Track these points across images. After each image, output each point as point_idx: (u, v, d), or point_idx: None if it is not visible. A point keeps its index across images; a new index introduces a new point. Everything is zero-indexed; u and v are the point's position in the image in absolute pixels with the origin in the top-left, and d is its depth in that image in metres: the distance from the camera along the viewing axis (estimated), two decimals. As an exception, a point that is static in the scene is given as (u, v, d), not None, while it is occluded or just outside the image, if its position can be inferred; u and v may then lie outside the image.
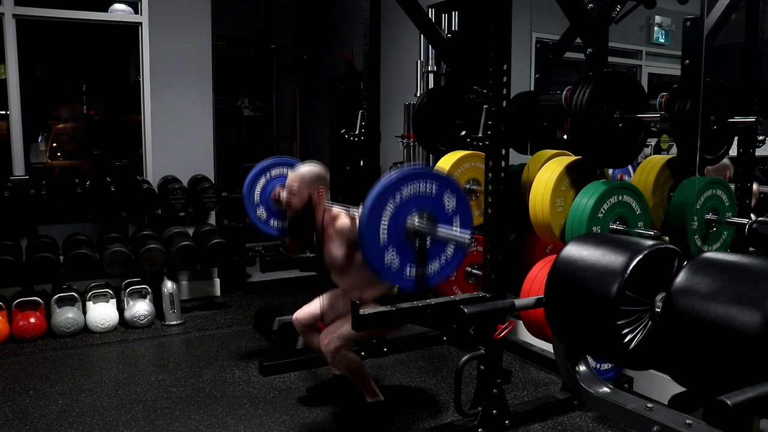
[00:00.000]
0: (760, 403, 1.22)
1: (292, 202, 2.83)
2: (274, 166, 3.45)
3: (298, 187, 2.81)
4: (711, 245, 3.05)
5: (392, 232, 2.26)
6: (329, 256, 2.87)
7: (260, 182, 3.42)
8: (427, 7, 4.67)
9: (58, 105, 6.68)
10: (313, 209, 2.85)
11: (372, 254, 2.24)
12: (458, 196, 2.41)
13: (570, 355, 1.95)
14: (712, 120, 3.05)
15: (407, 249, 2.31)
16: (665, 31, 5.33)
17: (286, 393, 3.32)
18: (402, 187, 2.28)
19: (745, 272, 1.41)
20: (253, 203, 3.41)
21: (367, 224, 2.22)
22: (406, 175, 2.31)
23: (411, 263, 2.33)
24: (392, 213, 2.25)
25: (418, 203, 2.31)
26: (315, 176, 2.84)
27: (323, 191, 2.85)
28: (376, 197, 2.23)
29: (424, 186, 2.32)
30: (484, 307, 2.21)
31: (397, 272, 2.30)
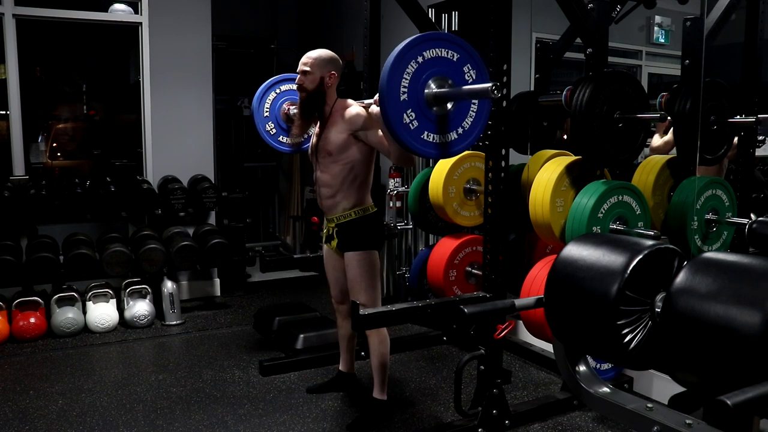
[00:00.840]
0: (760, 403, 1.22)
1: (304, 82, 2.78)
2: (283, 81, 3.39)
3: (311, 67, 2.77)
4: (711, 245, 3.05)
5: (412, 92, 2.19)
6: (326, 140, 2.80)
7: (270, 96, 3.37)
8: (427, 7, 4.67)
9: (58, 105, 6.68)
10: (324, 92, 2.79)
11: (391, 111, 2.15)
12: (479, 69, 2.32)
13: (570, 355, 1.95)
14: (712, 120, 3.05)
15: (427, 113, 2.24)
16: (665, 31, 5.32)
17: (286, 393, 3.32)
18: (425, 49, 2.21)
19: (745, 272, 1.41)
20: (262, 117, 3.35)
21: (388, 79, 2.13)
22: (428, 36, 2.24)
23: (430, 128, 2.25)
24: (413, 72, 2.18)
25: (439, 69, 2.24)
26: (328, 58, 2.80)
27: (335, 75, 2.80)
28: (399, 53, 2.16)
29: (446, 52, 2.25)
30: (484, 307, 2.21)
31: (415, 133, 2.22)
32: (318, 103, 2.81)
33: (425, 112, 2.23)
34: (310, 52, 2.82)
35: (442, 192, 3.41)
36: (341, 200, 2.83)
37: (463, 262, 3.46)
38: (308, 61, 2.79)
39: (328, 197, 2.85)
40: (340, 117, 2.77)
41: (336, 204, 2.84)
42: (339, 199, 2.83)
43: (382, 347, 2.91)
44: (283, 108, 3.34)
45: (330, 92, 2.82)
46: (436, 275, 3.46)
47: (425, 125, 2.23)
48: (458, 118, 2.32)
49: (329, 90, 2.81)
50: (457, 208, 3.47)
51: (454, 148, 2.33)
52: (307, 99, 2.81)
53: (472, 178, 3.48)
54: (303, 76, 2.79)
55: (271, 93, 3.37)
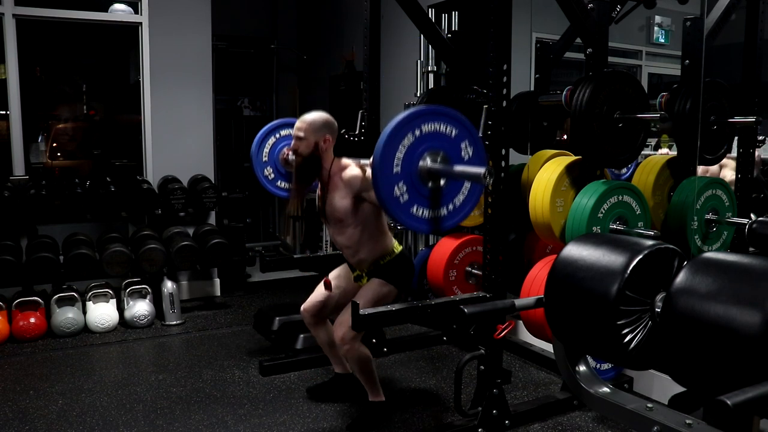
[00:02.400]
0: (760, 403, 1.22)
1: (299, 147, 2.77)
2: (283, 126, 3.41)
3: (305, 133, 2.76)
4: (711, 245, 3.05)
5: (406, 166, 2.17)
6: (331, 206, 2.80)
7: (269, 141, 3.38)
8: (427, 7, 4.67)
9: (58, 105, 6.68)
10: (319, 157, 2.78)
11: (383, 183, 2.14)
12: (476, 147, 2.31)
13: (570, 355, 1.95)
14: (712, 120, 3.05)
15: (419, 187, 2.22)
16: (665, 31, 5.33)
17: (286, 393, 3.32)
18: (423, 123, 2.20)
19: (745, 272, 1.41)
20: (261, 162, 3.37)
21: (383, 151, 2.12)
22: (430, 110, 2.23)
23: (421, 203, 2.24)
24: (409, 145, 2.17)
25: (436, 143, 2.23)
26: (322, 123, 2.78)
27: (330, 139, 2.79)
28: (398, 125, 2.15)
29: (444, 127, 2.24)
30: (484, 307, 2.21)
31: (404, 206, 2.20)
32: (314, 167, 2.80)
33: (417, 186, 2.22)
34: (304, 117, 2.81)
35: (442, 192, 3.40)
36: (365, 255, 2.85)
37: (463, 262, 3.46)
38: (302, 126, 2.78)
39: (351, 255, 2.89)
40: (340, 180, 2.77)
41: (361, 260, 2.87)
42: (363, 255, 2.84)
43: (360, 363, 2.88)
44: (282, 153, 3.37)
45: (326, 155, 2.81)
46: (436, 275, 3.46)
47: (416, 199, 2.23)
48: (450, 194, 2.32)
49: (325, 153, 2.80)
50: (457, 208, 3.46)
51: (444, 224, 2.33)
52: (303, 164, 2.80)
53: (472, 178, 3.47)
54: (298, 141, 2.78)
55: (271, 138, 3.41)
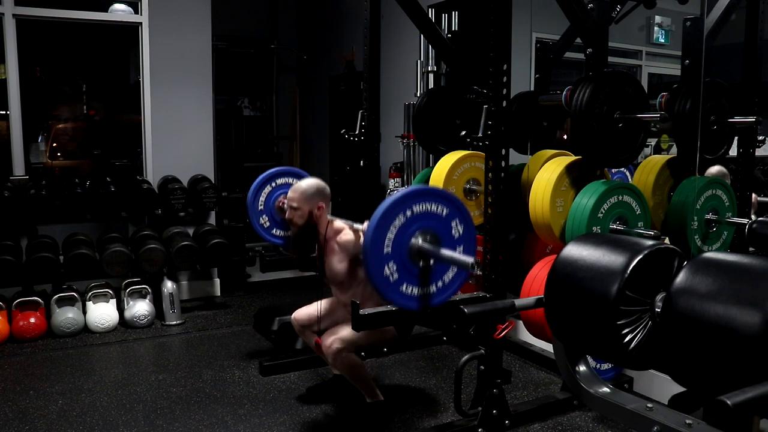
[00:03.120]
0: (760, 403, 1.22)
1: (294, 218, 2.85)
2: (279, 175, 3.47)
3: (298, 203, 2.83)
4: (711, 245, 3.05)
5: (396, 246, 2.24)
6: (331, 270, 2.88)
7: (265, 190, 3.44)
8: (427, 7, 4.67)
9: (58, 105, 6.68)
10: (314, 224, 2.86)
11: (373, 263, 2.22)
12: (467, 225, 2.38)
13: (570, 355, 1.95)
14: (712, 120, 3.05)
15: (408, 266, 2.28)
16: (665, 31, 5.32)
17: (286, 393, 3.32)
18: (415, 203, 2.26)
19: (745, 272, 1.41)
20: (257, 211, 3.43)
21: (374, 232, 2.19)
22: (422, 191, 2.29)
23: (410, 281, 2.30)
24: (400, 226, 2.23)
25: (427, 222, 2.29)
26: (314, 192, 2.85)
27: (324, 207, 2.87)
28: (389, 207, 2.21)
29: (436, 207, 2.30)
30: (484, 307, 2.21)
31: (394, 285, 2.27)
32: (310, 236, 2.88)
33: (407, 266, 2.28)
34: (297, 186, 2.87)
35: (442, 192, 3.40)
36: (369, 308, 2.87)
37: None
38: (295, 196, 2.84)
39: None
40: (336, 244, 2.83)
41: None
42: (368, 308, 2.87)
43: (352, 371, 2.89)
44: (278, 201, 3.41)
45: (321, 221, 2.88)
46: (436, 275, 3.45)
47: (406, 278, 2.28)
48: (440, 272, 2.37)
49: (320, 220, 2.87)
50: (457, 208, 3.46)
51: (433, 301, 2.37)
52: (299, 233, 2.87)
53: (472, 178, 3.47)
54: (292, 211, 2.84)
55: (267, 187, 3.44)
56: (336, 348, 2.78)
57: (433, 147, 3.81)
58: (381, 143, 3.72)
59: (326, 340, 2.82)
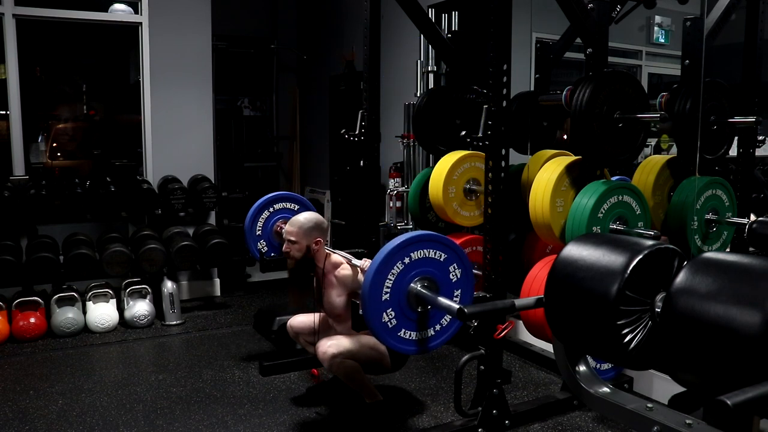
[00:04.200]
0: (760, 403, 1.22)
1: (291, 251, 2.87)
2: (277, 200, 3.53)
3: (296, 237, 2.86)
4: (711, 245, 3.05)
5: (395, 292, 2.25)
6: (328, 303, 2.91)
7: (263, 215, 3.50)
8: (427, 7, 4.67)
9: (58, 105, 6.68)
10: (312, 258, 2.89)
11: (371, 310, 2.23)
12: (465, 269, 2.39)
13: (570, 355, 1.95)
14: (712, 120, 3.05)
15: (406, 311, 2.30)
16: (665, 31, 5.33)
17: (286, 393, 3.32)
18: (413, 250, 2.27)
19: (745, 272, 1.41)
20: (254, 236, 3.49)
21: (372, 280, 2.21)
22: (421, 237, 2.30)
23: (408, 326, 2.31)
24: (398, 273, 2.25)
25: (425, 269, 2.31)
26: (312, 227, 2.87)
27: (321, 241, 2.89)
28: (388, 254, 2.22)
29: (434, 252, 2.31)
30: (484, 307, 2.21)
31: (392, 331, 2.28)
32: (307, 268, 2.92)
33: (405, 311, 2.29)
34: (294, 220, 2.89)
35: (442, 192, 3.41)
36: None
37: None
38: (293, 230, 2.86)
39: None
40: (334, 278, 2.86)
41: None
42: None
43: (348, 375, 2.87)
44: (276, 226, 3.47)
45: (318, 255, 2.91)
46: (436, 275, 3.45)
47: (404, 323, 2.30)
48: (437, 316, 2.38)
49: (317, 254, 2.90)
50: (457, 208, 3.47)
51: (430, 344, 2.39)
52: (296, 267, 2.91)
53: (472, 178, 3.48)
54: (290, 245, 2.87)
55: (264, 212, 3.49)
56: (331, 353, 2.79)
57: (433, 147, 3.82)
58: (381, 143, 3.72)
59: (322, 346, 2.83)
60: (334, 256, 2.91)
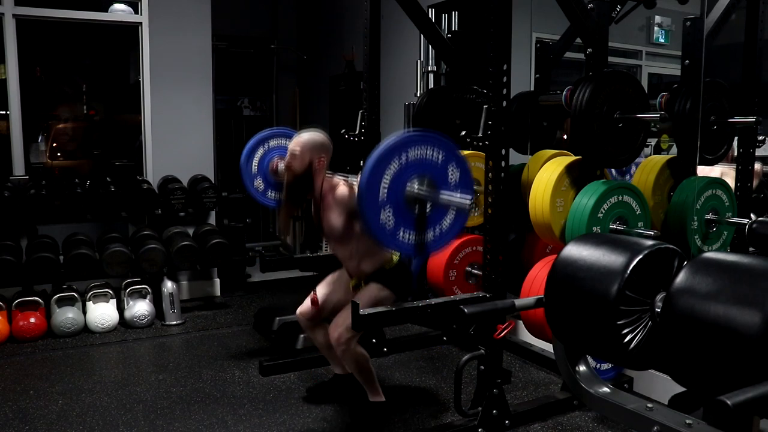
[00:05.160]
0: (760, 403, 1.22)
1: (293, 165, 2.78)
2: (272, 137, 3.43)
3: (300, 151, 2.77)
4: (711, 245, 3.05)
5: (392, 192, 2.19)
6: (327, 225, 2.83)
7: (258, 153, 3.40)
8: (427, 7, 4.67)
9: (58, 105, 6.67)
10: (311, 175, 2.80)
11: (368, 210, 2.16)
12: (463, 170, 2.32)
13: (570, 355, 1.95)
14: (712, 120, 3.05)
15: (405, 213, 2.23)
16: (665, 31, 5.33)
17: (286, 393, 3.32)
18: (409, 148, 2.20)
19: (745, 272, 1.41)
20: (250, 174, 3.39)
21: (368, 178, 2.14)
22: (417, 137, 2.24)
23: (407, 227, 2.25)
24: (395, 172, 2.18)
25: (422, 168, 2.24)
26: (319, 143, 2.81)
27: (324, 159, 2.81)
28: (384, 152, 2.16)
29: (431, 152, 2.24)
30: (484, 307, 2.21)
31: (391, 233, 2.21)
32: (305, 186, 2.82)
33: (403, 212, 2.23)
34: (302, 134, 2.84)
35: (442, 192, 3.41)
36: (365, 266, 2.87)
37: (463, 262, 3.46)
38: (299, 142, 2.80)
39: (353, 267, 2.92)
40: (332, 199, 2.79)
41: (361, 270, 2.89)
42: (364, 266, 2.87)
43: (358, 364, 2.88)
44: (272, 163, 3.38)
45: (318, 175, 2.82)
46: (436, 275, 3.46)
47: (402, 224, 2.24)
48: (437, 218, 2.33)
49: (317, 173, 2.82)
50: (457, 208, 3.46)
51: (430, 248, 2.34)
52: (294, 181, 2.81)
53: (472, 178, 3.47)
54: (292, 158, 2.80)
55: (260, 149, 3.42)
56: (345, 338, 2.76)
57: (433, 147, 3.81)
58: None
59: (333, 333, 2.81)
60: (333, 178, 2.84)
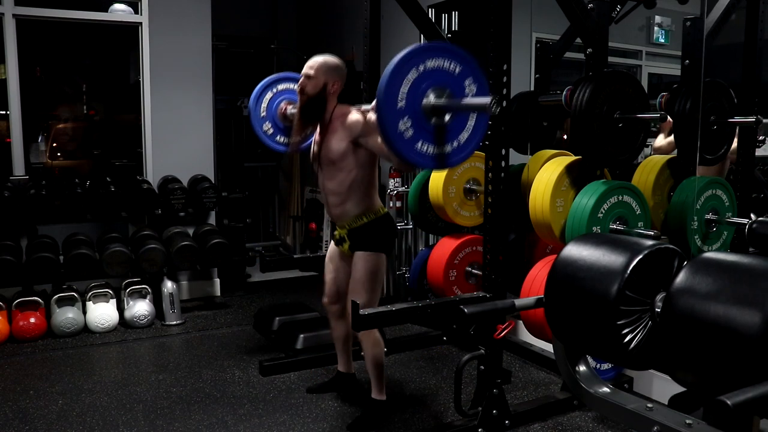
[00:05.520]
0: (760, 403, 1.22)
1: (307, 86, 2.77)
2: (280, 80, 3.39)
3: (315, 73, 2.76)
4: (711, 245, 3.05)
5: (410, 101, 2.14)
6: (327, 148, 2.79)
7: (267, 96, 3.36)
8: (427, 7, 4.67)
9: (58, 105, 6.68)
10: (325, 98, 2.78)
11: (387, 116, 2.11)
12: (480, 84, 2.28)
13: (570, 355, 1.95)
14: (712, 120, 3.05)
15: (423, 124, 2.19)
16: (665, 31, 5.33)
17: (286, 393, 3.32)
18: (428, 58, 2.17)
19: (745, 272, 1.41)
20: (259, 117, 3.35)
21: (387, 85, 2.09)
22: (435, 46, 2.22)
23: (426, 139, 2.21)
24: (413, 80, 2.14)
25: (439, 79, 2.20)
26: (334, 66, 2.79)
27: (338, 84, 2.80)
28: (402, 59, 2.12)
29: (449, 63, 2.21)
30: (484, 307, 2.21)
31: (409, 141, 2.17)
32: (318, 108, 2.78)
33: (422, 122, 2.18)
34: (316, 57, 2.80)
35: (442, 192, 3.41)
36: (350, 207, 2.81)
37: (463, 262, 3.46)
38: (314, 65, 2.77)
39: (337, 205, 2.84)
40: (340, 124, 2.75)
41: (346, 211, 2.83)
42: (348, 206, 2.81)
43: (376, 349, 2.90)
44: (281, 107, 3.33)
45: (331, 99, 2.80)
46: (436, 275, 3.46)
47: (421, 135, 2.19)
48: (455, 131, 2.29)
49: (330, 97, 2.79)
50: (457, 208, 3.47)
51: (449, 161, 2.30)
52: (307, 103, 2.78)
53: (472, 178, 3.48)
54: (306, 80, 2.77)
55: (268, 93, 3.36)
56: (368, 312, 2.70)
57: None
58: (381, 143, 3.72)
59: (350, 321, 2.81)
60: (346, 106, 2.82)
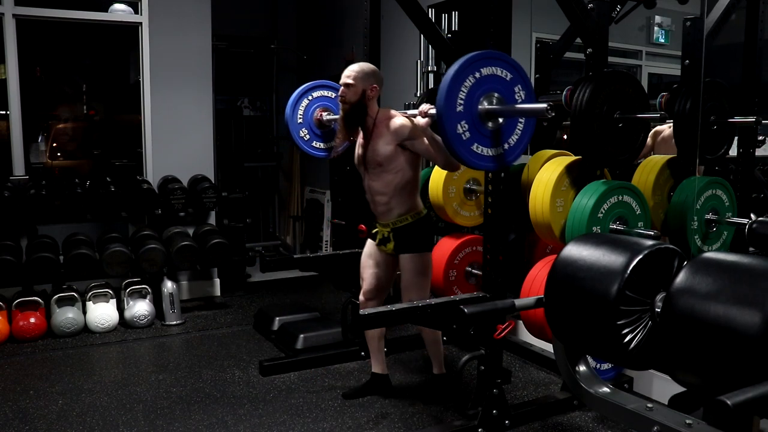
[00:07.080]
0: (760, 403, 1.23)
1: (347, 95, 2.88)
2: (315, 88, 3.50)
3: (353, 81, 2.87)
4: (711, 245, 3.05)
5: (467, 105, 2.28)
6: (374, 151, 2.90)
7: (303, 103, 3.47)
8: (427, 7, 4.66)
9: (58, 105, 6.67)
10: (365, 104, 2.89)
11: (447, 119, 2.23)
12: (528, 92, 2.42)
13: (570, 355, 1.95)
14: (712, 120, 3.05)
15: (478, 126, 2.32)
16: (665, 31, 5.32)
17: (286, 393, 3.32)
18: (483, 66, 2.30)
19: (745, 272, 1.41)
20: (296, 124, 3.45)
21: (447, 90, 2.21)
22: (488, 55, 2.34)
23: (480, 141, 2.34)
24: (470, 86, 2.27)
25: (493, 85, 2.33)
26: (371, 72, 2.92)
27: (377, 88, 2.91)
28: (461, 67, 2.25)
29: (501, 71, 2.35)
30: (484, 307, 2.21)
31: (467, 143, 2.30)
32: (360, 114, 2.91)
33: (478, 126, 2.32)
34: (353, 65, 2.93)
35: (442, 192, 3.41)
36: (395, 206, 2.95)
37: (463, 262, 3.46)
38: (351, 74, 2.89)
39: (383, 204, 2.97)
40: (386, 128, 2.87)
41: (391, 210, 2.96)
42: (393, 205, 2.95)
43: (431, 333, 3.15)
44: (316, 114, 3.46)
45: (372, 104, 2.93)
46: (436, 275, 3.45)
47: (477, 138, 2.33)
48: (507, 133, 2.42)
49: (371, 102, 2.92)
50: (457, 208, 3.47)
51: (505, 160, 2.44)
52: (350, 111, 2.91)
53: (472, 178, 3.48)
54: (346, 89, 2.89)
55: (304, 100, 3.48)
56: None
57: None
58: (381, 143, 3.71)
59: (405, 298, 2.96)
60: (389, 110, 2.94)
